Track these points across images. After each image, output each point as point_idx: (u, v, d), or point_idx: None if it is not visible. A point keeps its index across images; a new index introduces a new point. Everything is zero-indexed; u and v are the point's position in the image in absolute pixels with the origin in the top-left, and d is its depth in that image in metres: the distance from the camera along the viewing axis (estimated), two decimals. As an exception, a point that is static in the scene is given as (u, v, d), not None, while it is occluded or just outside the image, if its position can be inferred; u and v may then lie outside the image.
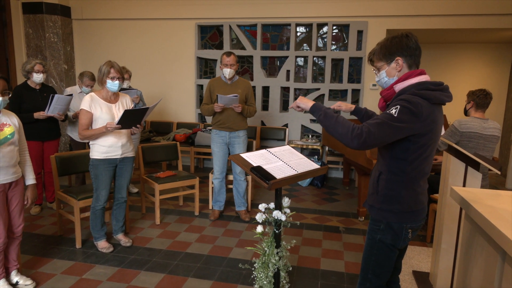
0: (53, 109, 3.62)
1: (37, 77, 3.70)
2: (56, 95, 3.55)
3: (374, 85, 5.40)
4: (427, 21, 5.11)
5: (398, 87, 1.63)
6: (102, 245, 3.16)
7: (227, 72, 3.65)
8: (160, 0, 5.79)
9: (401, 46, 1.62)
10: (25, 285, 2.56)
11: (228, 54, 3.64)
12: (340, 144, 4.37)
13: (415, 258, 3.14)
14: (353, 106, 2.13)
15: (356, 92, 5.59)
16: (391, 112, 1.52)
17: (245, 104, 3.77)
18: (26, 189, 2.57)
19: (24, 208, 2.55)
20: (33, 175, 2.60)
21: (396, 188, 1.65)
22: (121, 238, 3.29)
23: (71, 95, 3.77)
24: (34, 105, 3.68)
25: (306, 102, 1.78)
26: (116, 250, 3.18)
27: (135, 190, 4.75)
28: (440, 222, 2.62)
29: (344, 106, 2.16)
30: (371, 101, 5.44)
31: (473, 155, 2.27)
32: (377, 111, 5.59)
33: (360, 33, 5.38)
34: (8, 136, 2.33)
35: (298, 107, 1.82)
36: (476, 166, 2.31)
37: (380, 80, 1.74)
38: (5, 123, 2.35)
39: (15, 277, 2.56)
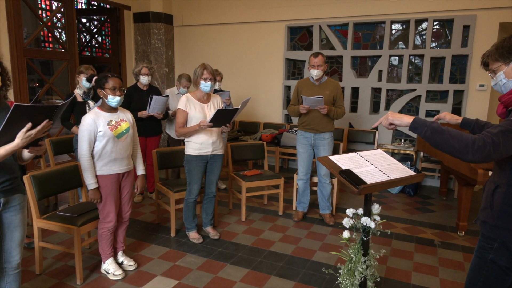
0: (153, 109, 4.01)
1: (143, 79, 4.14)
2: (154, 96, 3.93)
3: (481, 85, 4.82)
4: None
5: None
6: (193, 235, 3.38)
7: (315, 73, 3.60)
8: (252, 4, 5.98)
9: None
10: (129, 265, 2.87)
11: (316, 55, 3.59)
12: (438, 151, 3.98)
13: (529, 285, 2.71)
14: (460, 118, 1.85)
15: (458, 94, 5.06)
16: None
17: (332, 106, 3.69)
18: (135, 178, 2.89)
19: (133, 196, 2.87)
20: (143, 166, 2.91)
21: None
22: (210, 231, 3.48)
23: (167, 96, 4.13)
24: (141, 104, 4.11)
25: (401, 118, 1.56)
26: (205, 241, 3.37)
27: (223, 186, 4.99)
28: None
29: (449, 117, 1.86)
30: (477, 104, 4.87)
31: None
32: (483, 117, 4.98)
33: (466, 28, 4.85)
34: (124, 131, 2.65)
35: (391, 124, 1.61)
36: None
37: (497, 83, 1.53)
38: (122, 119, 2.67)
39: (120, 257, 2.89)
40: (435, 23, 5.08)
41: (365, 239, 1.98)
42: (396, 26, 5.36)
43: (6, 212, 1.87)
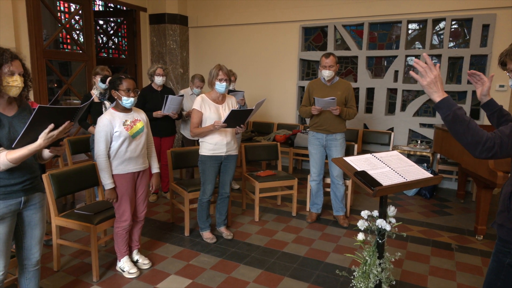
0: (168, 109, 4.04)
1: (158, 80, 4.19)
2: (170, 96, 3.96)
3: (501, 86, 4.70)
4: None
5: None
6: (207, 235, 3.40)
7: (326, 74, 3.58)
8: (266, 5, 5.98)
9: None
10: (143, 263, 2.90)
11: (327, 55, 3.56)
12: (456, 152, 3.91)
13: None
14: (488, 97, 1.77)
15: (477, 94, 4.94)
16: None
17: (344, 106, 3.65)
18: (150, 177, 2.92)
19: (148, 195, 2.90)
20: (157, 165, 2.95)
21: None
22: (223, 231, 3.49)
23: (182, 95, 4.16)
24: (155, 105, 4.15)
25: (437, 89, 1.43)
26: (218, 241, 3.39)
27: (237, 186, 5.00)
28: None
29: (487, 87, 1.75)
30: (496, 105, 4.75)
31: None
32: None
33: (485, 27, 4.75)
34: (139, 130, 2.69)
35: (427, 82, 1.44)
36: None
37: None
38: (137, 118, 2.71)
39: (135, 256, 2.93)
40: (453, 22, 4.98)
41: (380, 241, 1.96)
42: (412, 26, 5.28)
43: (26, 210, 1.92)
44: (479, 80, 1.78)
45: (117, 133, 2.58)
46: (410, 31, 5.29)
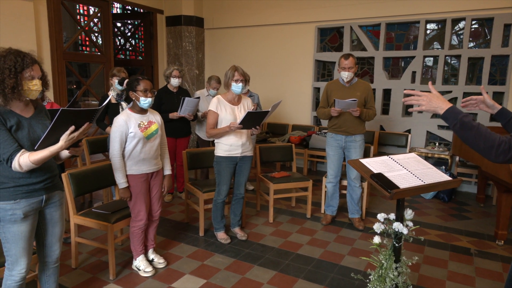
0: (184, 110, 4.08)
1: (174, 81, 4.23)
2: (186, 98, 4.00)
3: (523, 87, 4.57)
4: None
5: None
6: (221, 236, 3.41)
7: (346, 75, 3.54)
8: (282, 5, 5.98)
9: None
10: (159, 263, 2.94)
11: (347, 56, 3.53)
12: (476, 155, 3.82)
13: None
14: (498, 106, 1.77)
15: (498, 95, 4.82)
16: None
17: (363, 107, 3.61)
18: (163, 178, 2.95)
19: (162, 195, 2.93)
20: (170, 167, 2.98)
21: None
22: (238, 231, 3.50)
23: (198, 97, 4.19)
24: (171, 106, 4.20)
25: (437, 104, 1.49)
26: (232, 242, 3.40)
27: (251, 187, 5.00)
28: None
29: (489, 99, 1.76)
30: (518, 106, 4.62)
31: None
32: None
33: (507, 27, 4.62)
34: (153, 132, 2.72)
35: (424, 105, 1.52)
36: None
37: None
38: (152, 120, 2.74)
39: (151, 255, 2.97)
40: (473, 22, 4.87)
41: (397, 245, 1.93)
42: (431, 26, 5.18)
43: (48, 208, 1.98)
44: (474, 102, 1.81)
45: (132, 134, 2.62)
46: (428, 31, 5.20)
